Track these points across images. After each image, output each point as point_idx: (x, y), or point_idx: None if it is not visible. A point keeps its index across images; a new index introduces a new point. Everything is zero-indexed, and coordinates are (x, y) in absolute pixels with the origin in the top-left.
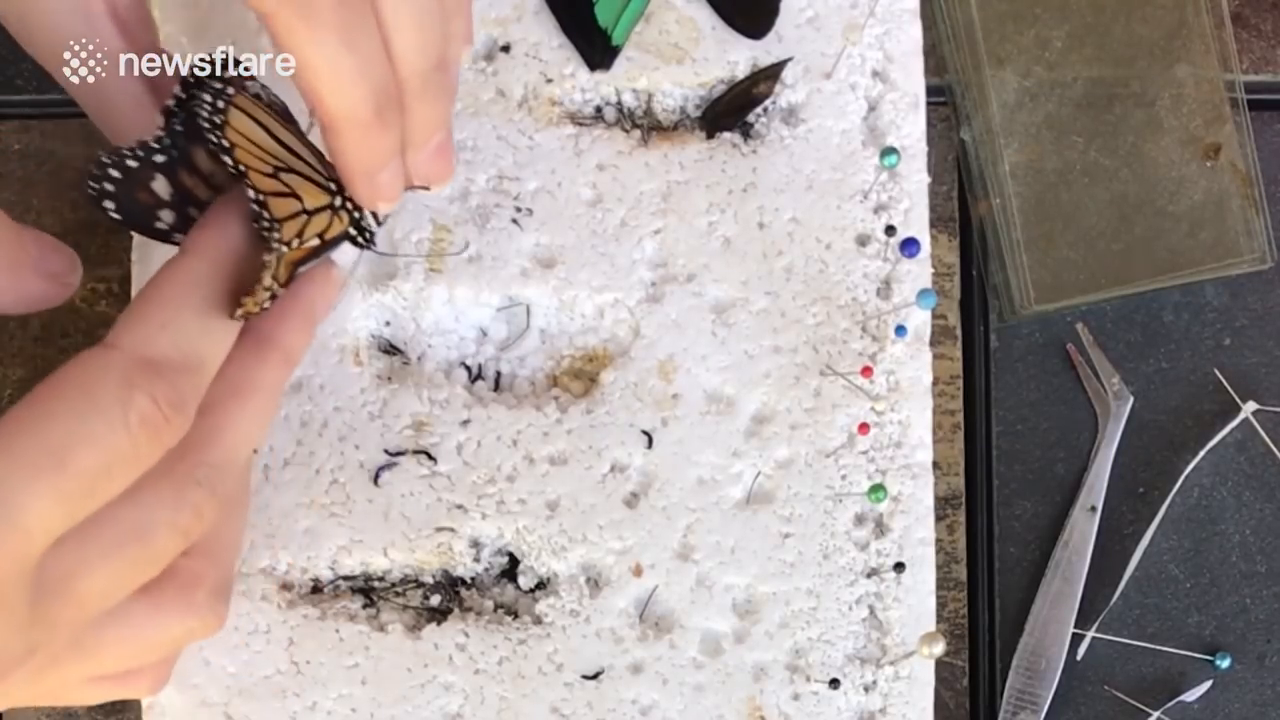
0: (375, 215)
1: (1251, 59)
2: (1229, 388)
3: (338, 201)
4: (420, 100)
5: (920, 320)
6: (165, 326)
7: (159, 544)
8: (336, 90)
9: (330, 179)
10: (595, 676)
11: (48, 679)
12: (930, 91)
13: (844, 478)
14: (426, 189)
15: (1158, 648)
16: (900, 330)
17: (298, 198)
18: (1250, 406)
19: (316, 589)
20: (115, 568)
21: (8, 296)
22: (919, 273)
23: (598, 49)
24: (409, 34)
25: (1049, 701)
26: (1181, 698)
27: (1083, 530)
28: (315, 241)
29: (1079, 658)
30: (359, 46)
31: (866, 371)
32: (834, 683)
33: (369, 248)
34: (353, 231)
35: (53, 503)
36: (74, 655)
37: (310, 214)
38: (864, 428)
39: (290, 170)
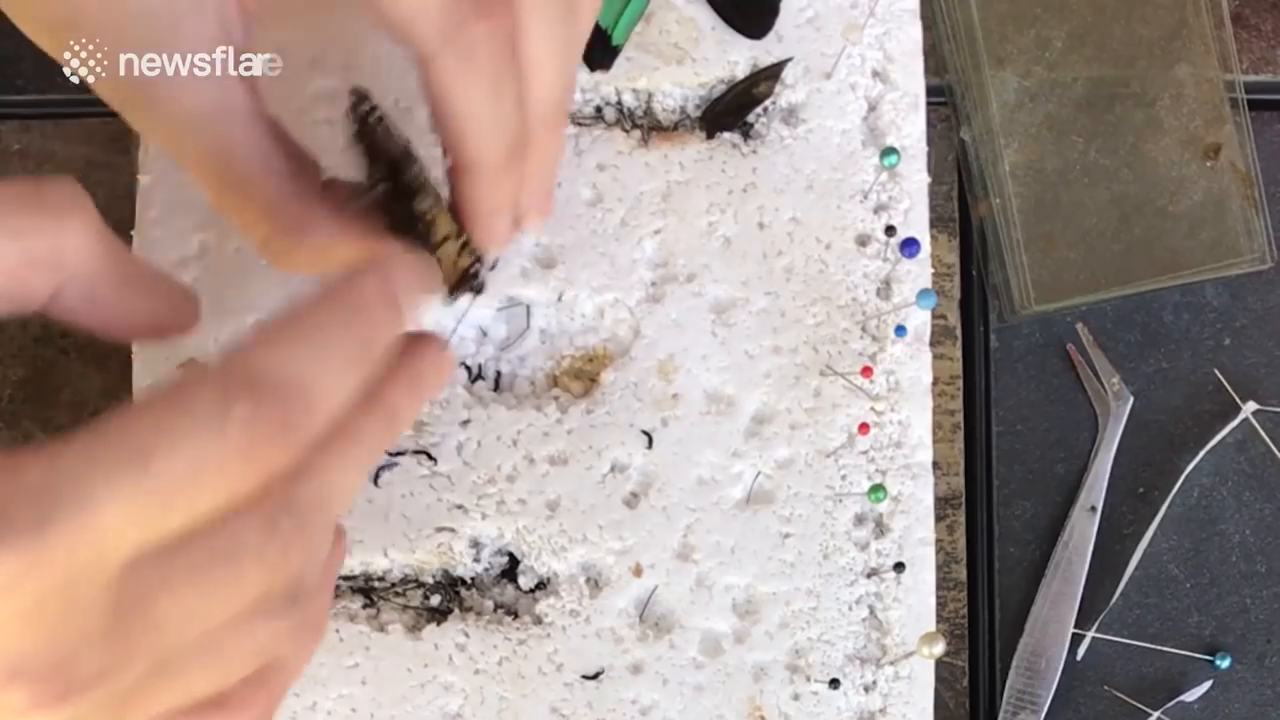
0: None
1: (1251, 59)
2: (1229, 388)
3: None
4: (546, 139)
5: (920, 320)
6: (291, 352)
7: (245, 572)
8: (480, 136)
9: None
10: (595, 676)
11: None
12: (930, 91)
13: (844, 478)
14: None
15: (1158, 648)
16: (900, 330)
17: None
18: (1250, 406)
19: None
20: (198, 592)
21: (113, 318)
22: (919, 273)
23: (598, 49)
24: (547, 73)
25: (1049, 701)
26: (1181, 698)
27: (1083, 530)
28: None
29: (1079, 658)
30: (505, 93)
31: (866, 371)
32: (834, 683)
33: (479, 293)
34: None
35: (133, 504)
36: (157, 684)
37: (452, 242)
38: (864, 428)
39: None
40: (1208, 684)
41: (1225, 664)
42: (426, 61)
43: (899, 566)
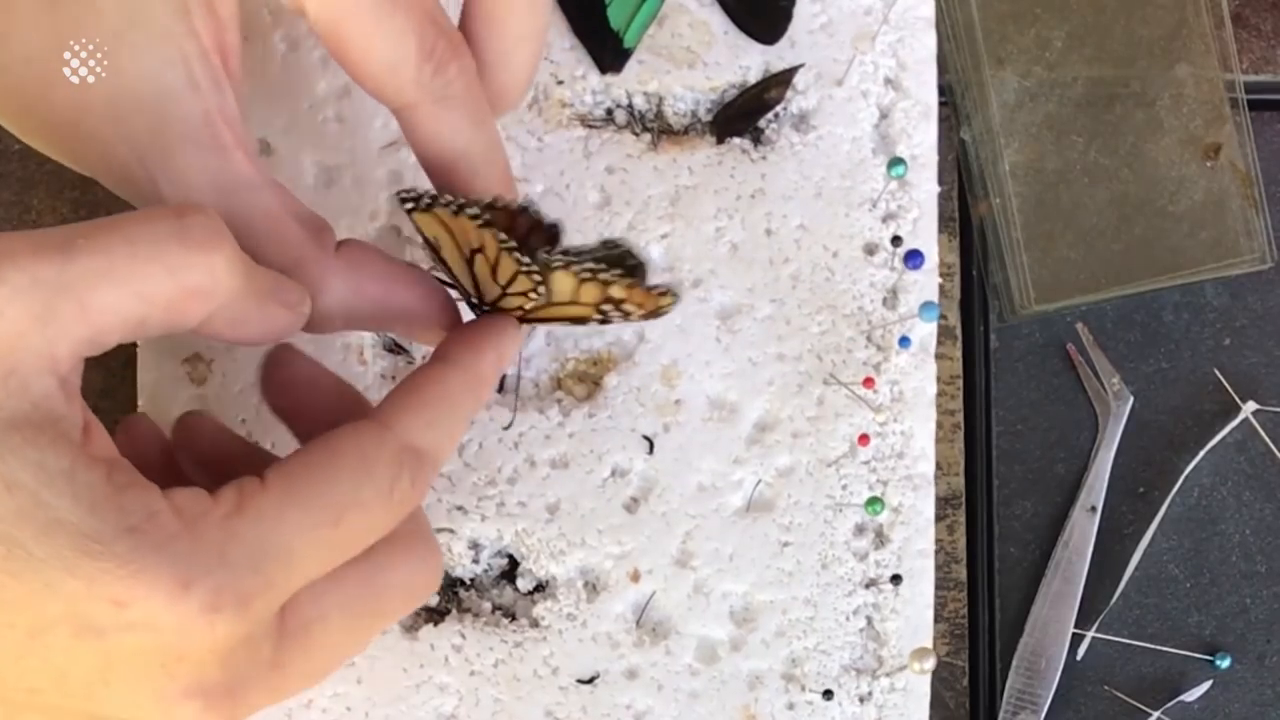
0: None
1: (1251, 59)
2: (1229, 388)
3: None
4: None
5: (925, 332)
6: (430, 426)
7: (393, 605)
8: (471, 171)
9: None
10: (590, 681)
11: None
12: None
13: (845, 487)
14: None
15: (1158, 648)
16: (905, 341)
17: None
18: (1250, 406)
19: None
20: (351, 625)
21: (255, 329)
22: (925, 283)
23: (609, 51)
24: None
25: (1049, 701)
26: (1181, 698)
27: (1083, 530)
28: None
29: (1079, 658)
30: (486, 122)
31: (869, 382)
32: (829, 693)
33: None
34: None
35: (323, 554)
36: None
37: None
38: (865, 438)
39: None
40: (1208, 684)
41: (1225, 664)
42: (409, 110)
43: (896, 579)
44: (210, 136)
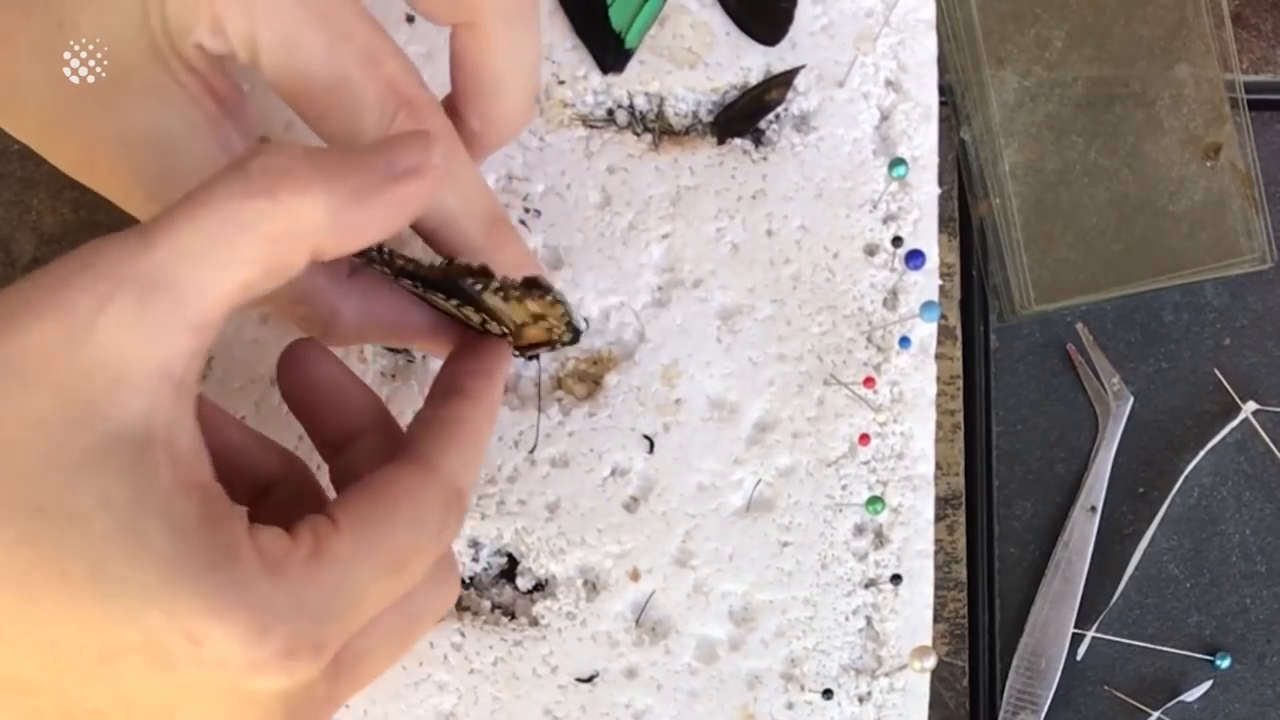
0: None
1: (1251, 59)
2: (1229, 388)
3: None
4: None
5: (925, 332)
6: (468, 467)
7: (424, 628)
8: (445, 227)
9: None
10: (589, 680)
11: None
12: None
13: (844, 488)
14: None
15: (1158, 648)
16: (905, 341)
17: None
18: (1250, 406)
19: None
20: (391, 652)
21: (381, 225)
22: (926, 284)
23: (611, 52)
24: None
25: (1049, 701)
26: (1181, 698)
27: (1083, 530)
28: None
29: (1079, 658)
30: (460, 178)
31: (869, 382)
32: (828, 693)
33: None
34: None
35: (386, 599)
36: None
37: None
38: (865, 438)
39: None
40: (1208, 684)
41: (1225, 664)
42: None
43: (896, 579)
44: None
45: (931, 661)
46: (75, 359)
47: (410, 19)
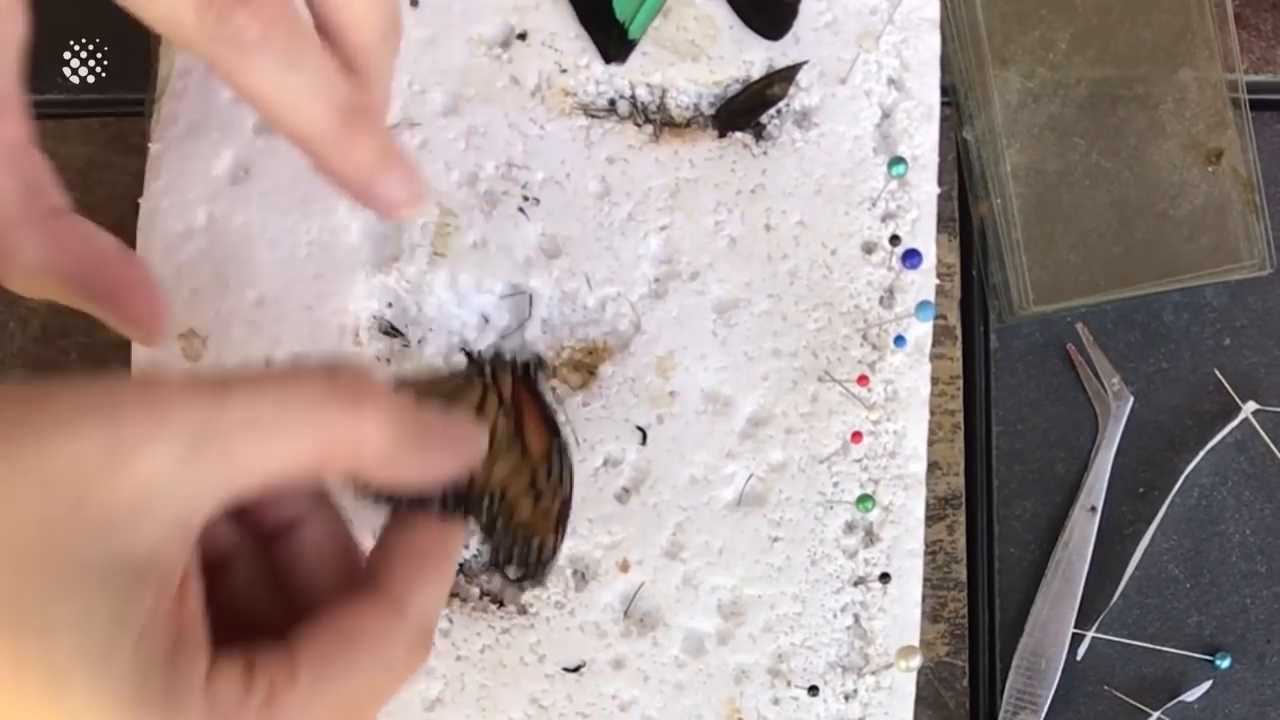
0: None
1: (1251, 59)
2: (1229, 388)
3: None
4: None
5: (921, 332)
6: (439, 603)
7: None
8: (292, 110)
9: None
10: (576, 669)
11: None
12: None
13: (836, 485)
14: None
15: (1158, 648)
16: (900, 340)
17: None
18: (1250, 406)
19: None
20: None
21: (412, 475)
22: (922, 283)
23: (614, 42)
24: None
25: (1049, 701)
26: (1181, 698)
27: (1083, 530)
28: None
29: (1079, 658)
30: (303, 63)
31: (863, 380)
32: (814, 689)
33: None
34: None
35: None
36: None
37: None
38: (858, 436)
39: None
40: (1208, 684)
41: (1225, 664)
42: (211, 63)
43: (885, 577)
44: None
45: (917, 661)
46: (107, 480)
47: (414, 2)
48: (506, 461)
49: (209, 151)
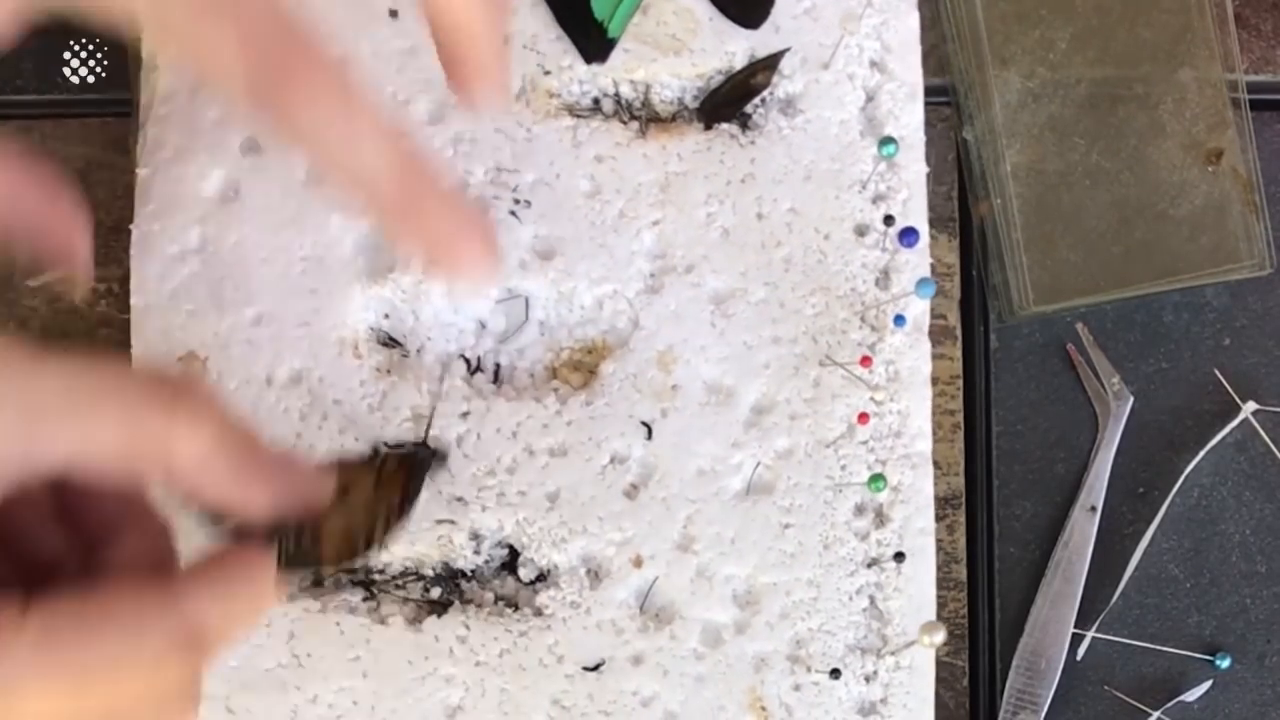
0: None
1: (1251, 59)
2: (1229, 388)
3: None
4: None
5: (919, 310)
6: (225, 617)
7: None
8: (353, 183)
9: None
10: (596, 668)
11: None
12: (933, 91)
13: (844, 468)
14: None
15: (1158, 648)
16: (899, 320)
17: None
18: (1250, 406)
19: (317, 582)
20: None
21: (228, 498)
22: (918, 262)
23: (594, 41)
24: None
25: (1049, 701)
26: (1181, 698)
27: (1083, 530)
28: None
29: (1079, 658)
30: (361, 145)
31: (865, 361)
32: (835, 673)
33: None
34: None
35: (56, 709)
36: None
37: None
38: (863, 417)
39: None
40: (1208, 684)
41: (1225, 664)
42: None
43: (899, 556)
44: None
45: (941, 636)
46: None
47: (393, 13)
48: (340, 518)
49: (197, 173)
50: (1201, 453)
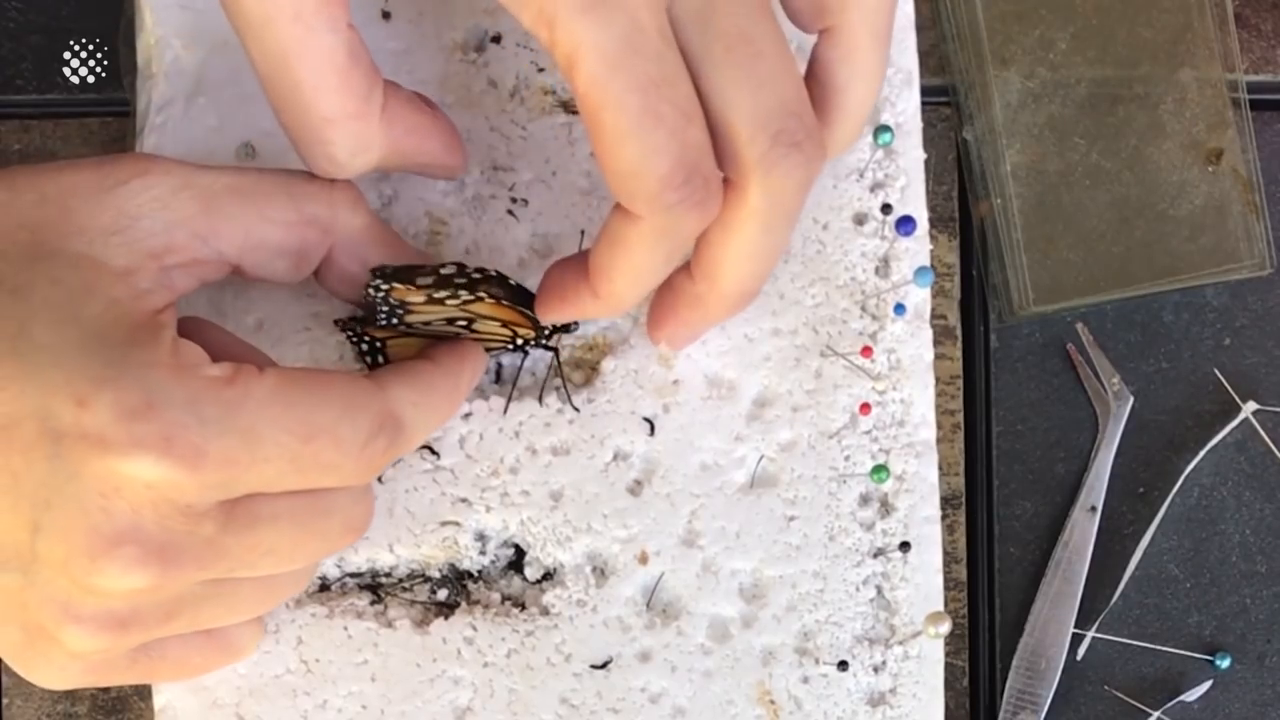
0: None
1: (1251, 59)
2: (1229, 388)
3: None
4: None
5: (920, 298)
6: (415, 405)
7: (331, 528)
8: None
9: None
10: (604, 666)
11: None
12: (933, 91)
13: (847, 458)
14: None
15: (1158, 648)
16: (899, 308)
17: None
18: (1250, 406)
19: (324, 587)
20: (292, 533)
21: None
22: (917, 250)
23: None
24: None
25: (1049, 701)
26: (1181, 698)
27: (1083, 530)
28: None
29: (1079, 658)
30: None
31: (866, 351)
32: (843, 664)
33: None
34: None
35: (285, 463)
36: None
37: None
38: (866, 407)
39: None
40: (1208, 684)
41: (1225, 664)
42: (631, 219)
43: (905, 546)
44: None
45: (946, 627)
46: (93, 199)
47: (386, 15)
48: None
49: None
50: (1201, 453)
